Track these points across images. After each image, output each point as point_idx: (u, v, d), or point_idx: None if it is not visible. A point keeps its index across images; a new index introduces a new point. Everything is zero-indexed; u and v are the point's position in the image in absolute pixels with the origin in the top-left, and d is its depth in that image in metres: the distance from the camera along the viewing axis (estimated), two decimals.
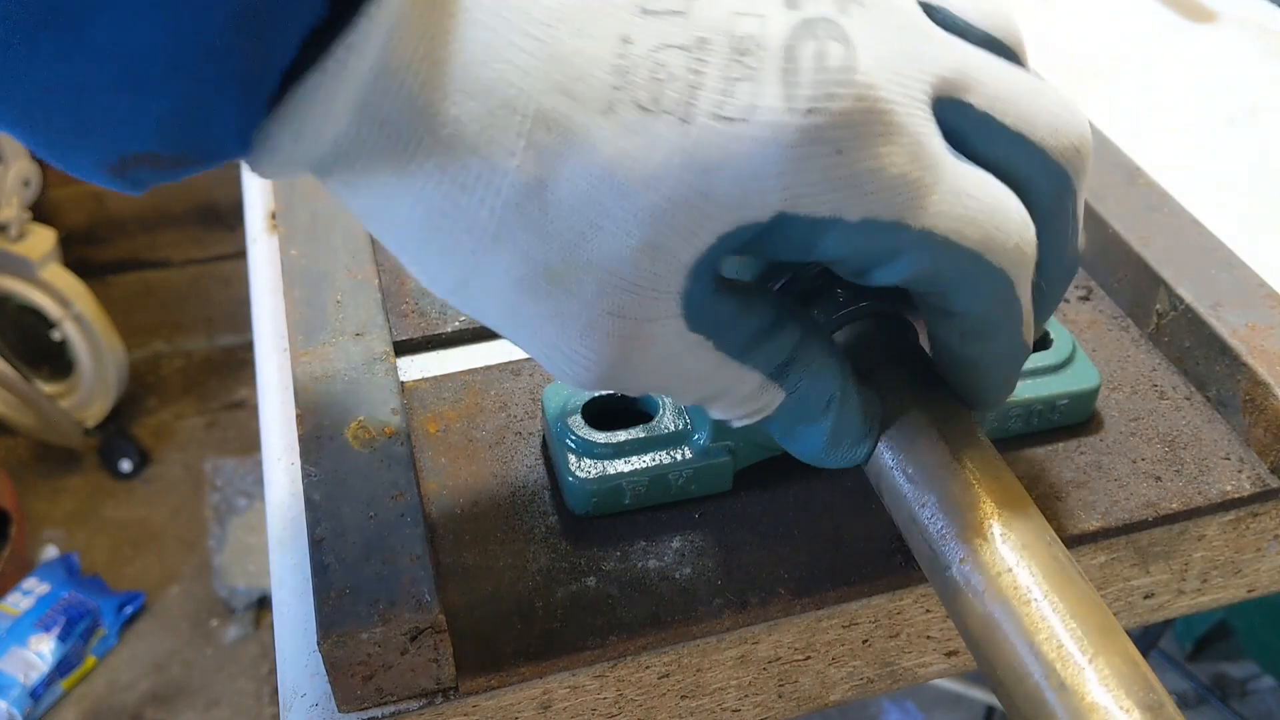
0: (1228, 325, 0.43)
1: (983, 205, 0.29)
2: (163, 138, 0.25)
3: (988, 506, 0.31)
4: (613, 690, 0.38)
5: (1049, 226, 0.31)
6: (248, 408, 1.92)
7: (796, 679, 0.40)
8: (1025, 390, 0.42)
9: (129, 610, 1.61)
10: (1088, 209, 0.50)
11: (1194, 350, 0.45)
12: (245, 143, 0.26)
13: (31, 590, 1.57)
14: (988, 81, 0.29)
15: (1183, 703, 1.38)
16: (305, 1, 0.24)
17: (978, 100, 0.29)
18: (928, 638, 0.41)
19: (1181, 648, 1.46)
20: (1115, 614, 0.32)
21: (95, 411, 1.81)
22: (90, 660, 1.56)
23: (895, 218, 0.28)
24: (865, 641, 0.40)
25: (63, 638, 1.51)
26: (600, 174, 0.26)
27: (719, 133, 0.26)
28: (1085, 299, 0.49)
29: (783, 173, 0.26)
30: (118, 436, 1.82)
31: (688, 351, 0.29)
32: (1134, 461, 0.42)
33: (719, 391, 0.31)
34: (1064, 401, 0.42)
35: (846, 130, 0.26)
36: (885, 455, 0.33)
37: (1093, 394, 0.42)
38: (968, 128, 0.29)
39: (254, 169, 0.27)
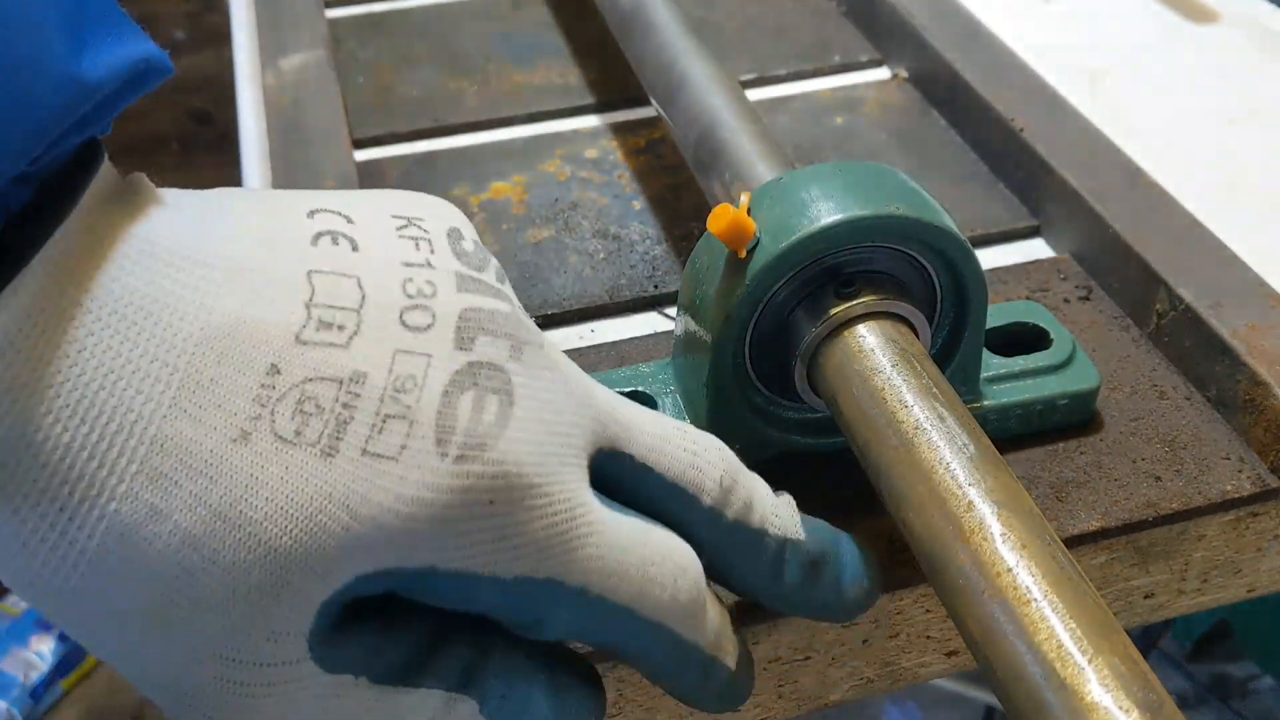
0: (1228, 325, 0.43)
1: (637, 558, 0.29)
2: None
3: (988, 506, 0.31)
4: (613, 690, 0.38)
5: (724, 555, 0.32)
6: None
7: (796, 679, 0.40)
8: (1025, 390, 0.42)
9: None
10: (1088, 209, 0.50)
11: (1194, 350, 0.45)
12: None
13: None
14: (644, 432, 0.30)
15: (1183, 703, 1.38)
16: None
17: (636, 451, 0.30)
18: (928, 638, 0.41)
19: (1181, 648, 1.46)
20: (1115, 614, 0.32)
21: None
22: (90, 660, 1.56)
23: (549, 575, 0.27)
24: (865, 641, 0.40)
25: (63, 638, 1.51)
26: (219, 505, 0.24)
27: (366, 467, 0.25)
28: (1085, 299, 0.49)
29: (434, 520, 0.25)
30: None
31: (333, 695, 0.27)
32: (1134, 461, 0.42)
33: None
34: (1064, 401, 0.42)
35: (498, 483, 0.26)
36: (885, 455, 0.33)
37: (1093, 394, 0.42)
38: (627, 477, 0.30)
39: None
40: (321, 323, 0.26)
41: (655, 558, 0.29)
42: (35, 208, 0.24)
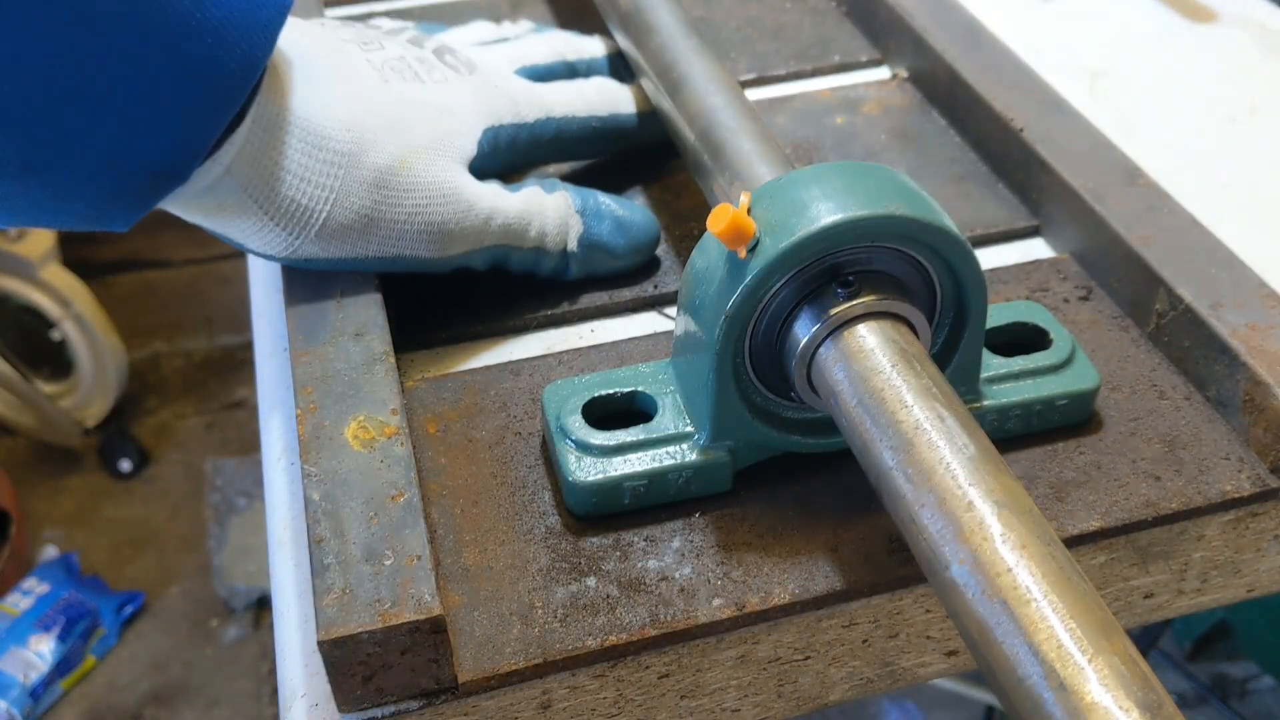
0: (1228, 325, 0.43)
1: None
2: (74, 220, 0.39)
3: (988, 506, 0.31)
4: (613, 690, 0.38)
5: None
6: (248, 408, 1.92)
7: (796, 679, 0.40)
8: (1025, 390, 0.42)
9: (129, 610, 1.61)
10: (1088, 209, 0.50)
11: (1194, 350, 0.45)
12: (128, 222, 0.40)
13: (31, 590, 1.57)
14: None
15: (1183, 703, 1.38)
16: (179, 178, 0.39)
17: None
18: (928, 638, 0.41)
19: (1181, 648, 1.46)
20: (1115, 614, 0.32)
21: (95, 411, 1.81)
22: (90, 660, 1.56)
23: None
24: (865, 641, 0.40)
25: (63, 638, 1.51)
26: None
27: (436, 88, 0.47)
28: (1085, 299, 0.49)
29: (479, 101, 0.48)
30: (118, 436, 1.81)
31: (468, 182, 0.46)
32: (1134, 461, 0.42)
33: (531, 211, 0.48)
34: (1064, 401, 0.42)
35: None
36: (885, 455, 0.33)
37: (1092, 394, 0.42)
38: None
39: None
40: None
41: None
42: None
